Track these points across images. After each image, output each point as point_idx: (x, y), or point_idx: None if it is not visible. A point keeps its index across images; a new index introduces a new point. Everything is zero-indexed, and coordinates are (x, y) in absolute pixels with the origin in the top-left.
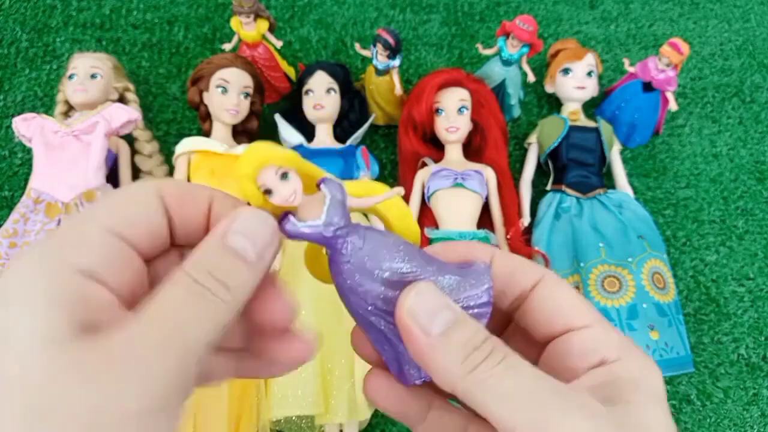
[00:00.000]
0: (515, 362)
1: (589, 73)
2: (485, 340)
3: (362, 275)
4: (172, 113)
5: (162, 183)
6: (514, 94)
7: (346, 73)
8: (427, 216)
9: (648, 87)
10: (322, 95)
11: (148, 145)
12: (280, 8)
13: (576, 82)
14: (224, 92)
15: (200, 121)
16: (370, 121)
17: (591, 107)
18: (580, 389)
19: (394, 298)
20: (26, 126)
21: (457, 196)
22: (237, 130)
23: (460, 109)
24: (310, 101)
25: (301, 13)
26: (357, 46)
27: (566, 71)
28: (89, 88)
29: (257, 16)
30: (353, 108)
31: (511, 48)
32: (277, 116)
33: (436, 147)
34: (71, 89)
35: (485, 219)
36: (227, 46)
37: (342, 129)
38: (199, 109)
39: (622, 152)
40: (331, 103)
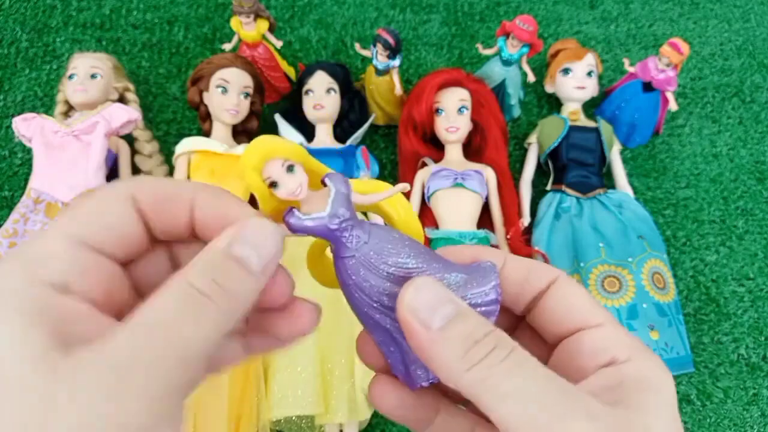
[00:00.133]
0: (521, 359)
1: (589, 73)
2: (488, 334)
3: (367, 270)
4: (172, 113)
5: (135, 184)
6: (514, 94)
7: (346, 73)
8: (427, 216)
9: (648, 87)
10: (322, 95)
11: (148, 145)
12: (280, 8)
13: (576, 82)
14: (224, 92)
15: (200, 121)
16: (370, 121)
17: (591, 107)
18: (588, 390)
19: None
20: (26, 126)
21: (457, 196)
22: (237, 130)
23: (460, 109)
24: (310, 101)
25: (301, 13)
26: (357, 46)
27: (566, 71)
28: (89, 88)
29: (257, 16)
30: (353, 108)
31: (511, 48)
32: (277, 116)
33: (436, 147)
34: (71, 89)
35: (485, 219)
36: (227, 46)
37: (342, 129)
38: (199, 109)
39: (622, 152)
40: (331, 103)
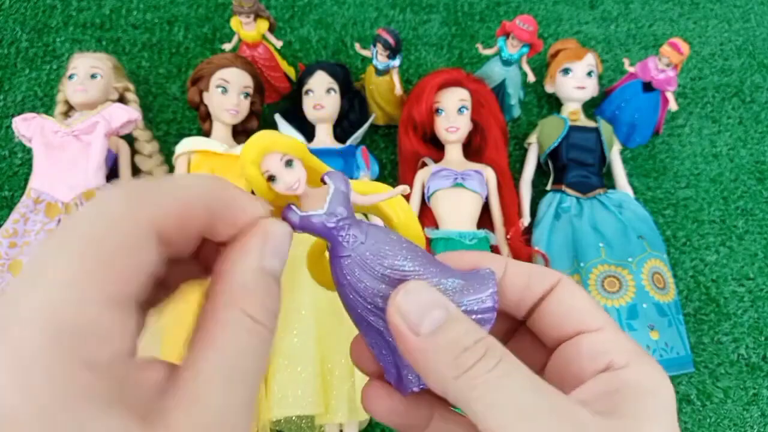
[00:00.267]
0: (510, 368)
1: (589, 73)
2: (478, 341)
3: (363, 271)
4: (172, 113)
5: (153, 206)
6: (514, 94)
7: (346, 73)
8: (427, 216)
9: (648, 87)
10: (322, 95)
11: (148, 145)
12: (280, 8)
13: (576, 82)
14: (224, 92)
15: (200, 121)
16: (370, 121)
17: (591, 107)
18: (583, 397)
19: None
20: (26, 126)
21: (457, 196)
22: (237, 130)
23: (460, 109)
24: (310, 101)
25: (301, 13)
26: (357, 46)
27: (566, 71)
28: (89, 88)
29: (257, 16)
30: (353, 108)
31: (511, 48)
32: (277, 116)
33: (436, 147)
34: (71, 89)
35: (485, 219)
36: (227, 46)
37: (342, 129)
38: (199, 109)
39: (622, 152)
40: (331, 103)
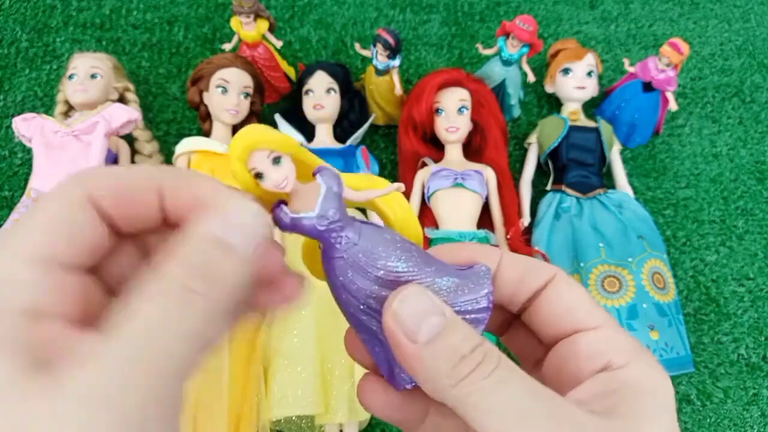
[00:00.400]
0: (506, 374)
1: (589, 73)
2: (475, 349)
3: (355, 272)
4: (172, 113)
5: (90, 182)
6: (514, 94)
7: (346, 73)
8: (427, 216)
9: (648, 87)
10: (322, 95)
11: (148, 145)
12: (280, 8)
13: (576, 82)
14: (224, 92)
15: (200, 121)
16: (370, 121)
17: (591, 107)
18: (581, 397)
19: (387, 298)
20: (26, 126)
21: (457, 196)
22: (237, 130)
23: (460, 109)
24: (310, 101)
25: (301, 13)
26: (357, 46)
27: (566, 71)
28: (89, 88)
29: (257, 16)
30: (353, 108)
31: (511, 48)
32: (277, 116)
33: (436, 147)
34: (71, 89)
35: (485, 219)
36: (227, 46)
37: (342, 129)
38: (199, 109)
39: (622, 152)
40: (331, 103)
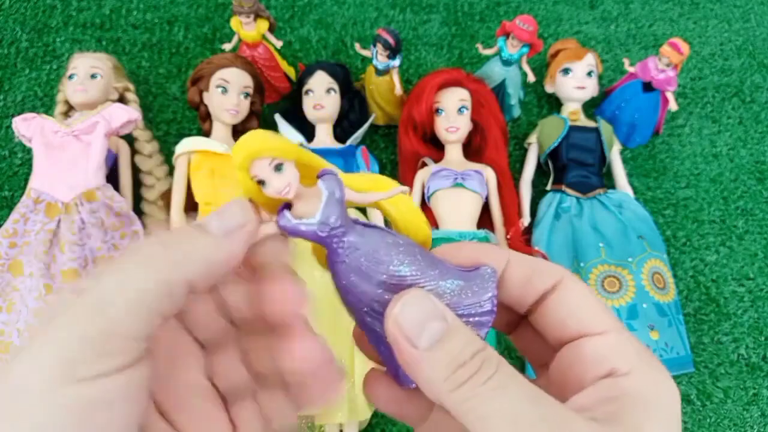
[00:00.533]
0: (504, 380)
1: (589, 73)
2: (474, 355)
3: (358, 276)
4: (172, 113)
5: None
6: (514, 94)
7: (346, 73)
8: (427, 216)
9: (648, 87)
10: (322, 95)
11: (148, 145)
12: (280, 8)
13: (576, 82)
14: (224, 92)
15: (200, 121)
16: (370, 121)
17: (591, 107)
18: (583, 403)
19: (390, 301)
20: (26, 126)
21: (457, 196)
22: (237, 130)
23: (460, 109)
24: (310, 101)
25: (301, 13)
26: (357, 46)
27: (566, 71)
28: (89, 88)
29: (257, 16)
30: (353, 108)
31: (511, 48)
32: (277, 116)
33: (436, 147)
34: (71, 89)
35: (485, 219)
36: (227, 46)
37: (342, 129)
38: (199, 109)
39: (622, 152)
40: (331, 103)
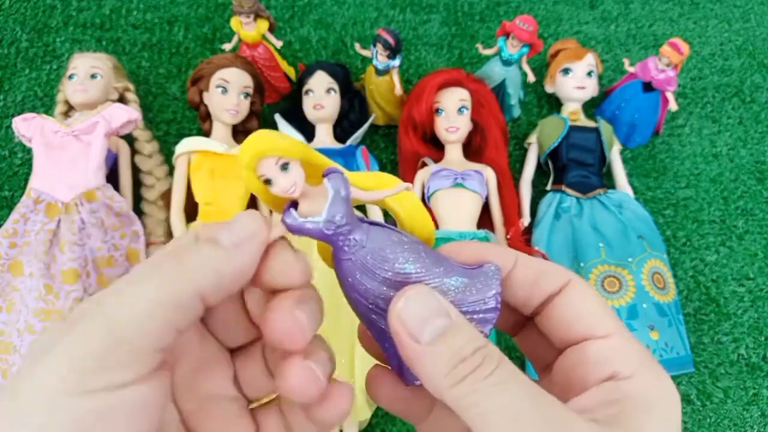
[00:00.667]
0: (505, 377)
1: (589, 73)
2: (476, 351)
3: (363, 274)
4: (172, 113)
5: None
6: (514, 94)
7: (346, 73)
8: None
9: (648, 87)
10: (322, 95)
11: (148, 145)
12: (280, 8)
13: (576, 82)
14: (224, 92)
15: (200, 121)
16: (370, 121)
17: (591, 107)
18: (584, 404)
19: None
20: (26, 126)
21: (457, 196)
22: (237, 130)
23: (460, 109)
24: (310, 101)
25: (301, 13)
26: (357, 46)
27: (566, 71)
28: (89, 88)
29: (257, 16)
30: (353, 108)
31: (511, 48)
32: (277, 116)
33: (436, 147)
34: (71, 89)
35: (485, 219)
36: (227, 46)
37: (342, 129)
38: (199, 109)
39: (622, 152)
40: (331, 103)
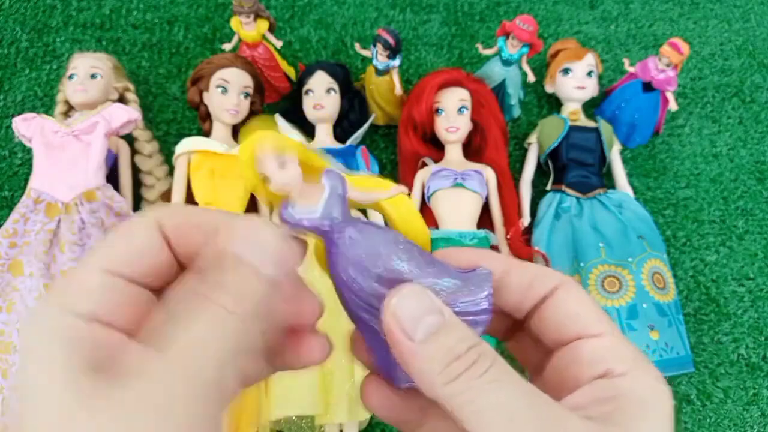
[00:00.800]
0: (499, 375)
1: (589, 73)
2: (470, 349)
3: (357, 270)
4: (172, 113)
5: (162, 214)
6: (514, 94)
7: (346, 73)
8: (427, 216)
9: (648, 87)
10: (322, 95)
11: (148, 145)
12: (280, 8)
13: (576, 82)
14: (224, 92)
15: (200, 121)
16: (370, 121)
17: (591, 107)
18: (578, 401)
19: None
20: (26, 126)
21: (457, 196)
22: (237, 130)
23: (460, 109)
24: (310, 101)
25: (301, 13)
26: (357, 46)
27: (566, 71)
28: (89, 88)
29: (257, 16)
30: (353, 108)
31: (511, 48)
32: (277, 116)
33: (436, 147)
34: (71, 89)
35: (485, 219)
36: (227, 46)
37: (342, 129)
38: (199, 109)
39: (622, 152)
40: (331, 103)
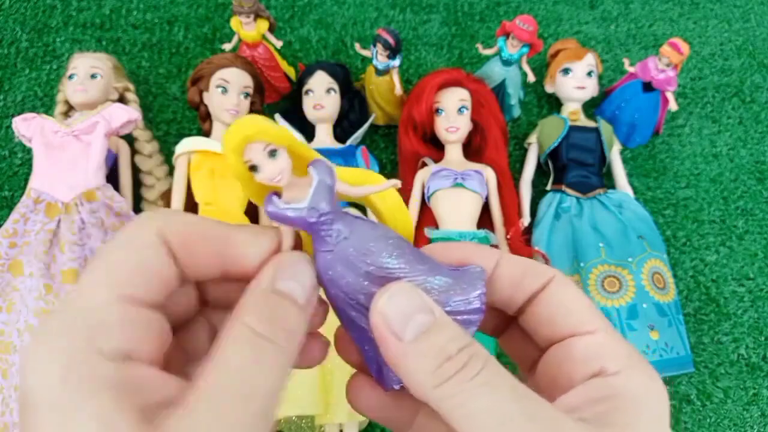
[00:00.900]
0: (492, 377)
1: (589, 73)
2: (461, 349)
3: (345, 267)
4: (172, 113)
5: (163, 224)
6: (514, 94)
7: (346, 73)
8: (427, 216)
9: (648, 87)
10: (322, 95)
11: (148, 145)
12: (280, 8)
13: (576, 82)
14: (224, 92)
15: (200, 121)
16: (370, 121)
17: (591, 107)
18: (571, 402)
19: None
20: (26, 126)
21: (457, 196)
22: None
23: (460, 109)
24: (310, 101)
25: (301, 13)
26: (357, 46)
27: (566, 71)
28: (89, 88)
29: (257, 16)
30: (353, 108)
31: (511, 48)
32: (277, 116)
33: (436, 147)
34: (71, 89)
35: (485, 219)
36: (227, 46)
37: (342, 129)
38: (199, 109)
39: (622, 152)
40: (331, 103)
